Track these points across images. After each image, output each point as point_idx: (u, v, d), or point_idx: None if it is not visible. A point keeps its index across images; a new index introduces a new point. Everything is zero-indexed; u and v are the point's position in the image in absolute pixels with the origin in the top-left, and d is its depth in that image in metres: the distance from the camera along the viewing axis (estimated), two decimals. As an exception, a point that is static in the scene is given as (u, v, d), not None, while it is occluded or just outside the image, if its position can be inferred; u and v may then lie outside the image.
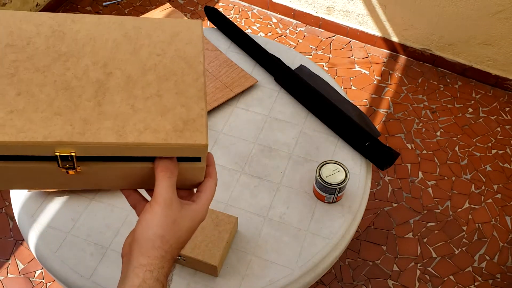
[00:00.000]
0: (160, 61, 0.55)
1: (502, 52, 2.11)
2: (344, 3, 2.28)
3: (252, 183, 1.08)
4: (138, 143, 0.50)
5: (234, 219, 0.95)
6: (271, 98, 1.24)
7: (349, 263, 1.67)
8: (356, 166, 1.12)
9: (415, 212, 1.80)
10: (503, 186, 1.88)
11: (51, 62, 0.53)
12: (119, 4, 2.52)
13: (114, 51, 0.55)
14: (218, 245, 0.92)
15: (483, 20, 2.04)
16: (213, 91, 1.22)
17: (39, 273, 1.61)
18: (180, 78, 0.54)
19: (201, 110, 0.52)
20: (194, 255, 0.90)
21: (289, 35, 2.39)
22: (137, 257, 0.50)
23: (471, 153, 1.98)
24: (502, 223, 1.78)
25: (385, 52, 2.34)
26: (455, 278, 1.65)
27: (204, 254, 0.90)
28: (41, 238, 0.98)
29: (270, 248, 0.98)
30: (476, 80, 2.24)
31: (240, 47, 1.35)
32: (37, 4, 2.36)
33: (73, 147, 0.50)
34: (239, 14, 2.49)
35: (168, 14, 1.41)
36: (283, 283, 0.93)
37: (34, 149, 0.50)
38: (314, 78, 1.27)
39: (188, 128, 0.51)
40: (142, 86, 0.53)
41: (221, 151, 1.13)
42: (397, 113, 2.10)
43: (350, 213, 1.04)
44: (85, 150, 0.50)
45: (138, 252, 0.50)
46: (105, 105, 0.51)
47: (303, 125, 1.19)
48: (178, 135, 0.50)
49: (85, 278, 0.93)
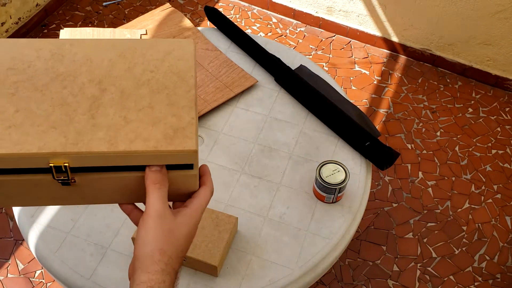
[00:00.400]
0: (153, 76, 0.57)
1: (502, 52, 2.11)
2: (344, 3, 2.28)
3: (252, 183, 1.08)
4: (129, 151, 0.52)
5: (234, 219, 0.95)
6: (271, 98, 1.24)
7: (349, 263, 1.67)
8: (356, 166, 1.12)
9: (415, 212, 1.80)
10: (503, 186, 1.88)
11: (49, 81, 0.56)
12: (119, 4, 2.52)
13: (109, 69, 0.57)
14: (218, 245, 0.92)
15: (483, 20, 2.04)
16: (213, 91, 1.22)
17: (39, 273, 1.61)
18: (172, 91, 0.56)
19: (191, 119, 0.54)
20: (194, 255, 0.90)
21: (289, 35, 2.39)
22: (139, 275, 0.50)
23: (471, 153, 1.98)
24: (502, 223, 1.78)
25: (385, 52, 2.34)
26: (455, 278, 1.65)
27: (204, 254, 0.90)
28: (41, 238, 0.98)
29: (270, 248, 0.98)
30: (476, 80, 2.24)
31: (240, 47, 1.35)
32: (37, 4, 2.36)
33: (66, 158, 0.52)
34: (239, 14, 2.49)
35: (168, 14, 1.41)
36: (283, 283, 0.93)
37: (30, 161, 0.51)
38: (314, 78, 1.27)
39: (178, 135, 0.53)
40: (135, 99, 0.55)
41: (221, 151, 1.13)
42: (397, 113, 2.10)
43: (350, 213, 1.04)
44: (78, 161, 0.52)
45: (139, 270, 0.50)
46: (99, 117, 0.54)
47: (303, 125, 1.19)
48: (168, 142, 0.52)
49: (85, 278, 0.93)
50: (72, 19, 2.43)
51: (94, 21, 2.42)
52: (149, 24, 1.37)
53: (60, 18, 2.44)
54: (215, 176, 1.08)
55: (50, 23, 2.41)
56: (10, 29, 2.26)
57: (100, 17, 2.44)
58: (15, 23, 2.27)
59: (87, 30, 1.31)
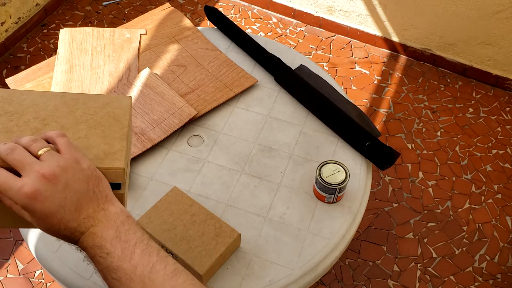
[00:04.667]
0: (91, 117, 0.65)
1: (503, 52, 2.11)
2: (344, 3, 2.28)
3: (252, 183, 1.07)
4: None
5: (236, 234, 0.92)
6: (271, 98, 1.24)
7: (350, 263, 1.67)
8: (356, 166, 1.12)
9: (415, 212, 1.80)
10: (504, 186, 1.88)
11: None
12: (119, 4, 2.52)
13: (53, 111, 0.65)
14: (211, 255, 0.89)
15: (484, 20, 2.04)
16: (213, 91, 1.22)
17: (39, 273, 1.61)
18: (107, 128, 0.64)
19: (122, 147, 0.62)
20: (185, 257, 0.88)
21: (289, 35, 2.39)
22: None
23: (472, 153, 1.98)
24: (503, 223, 1.78)
25: (386, 52, 2.34)
26: (456, 278, 1.65)
27: (194, 260, 0.88)
28: (41, 238, 0.98)
29: (270, 248, 0.98)
30: (476, 80, 2.23)
31: (240, 47, 1.35)
32: (36, 4, 2.36)
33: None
34: (239, 13, 2.48)
35: (168, 13, 1.41)
36: (283, 283, 0.93)
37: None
38: (314, 78, 1.27)
39: (108, 158, 0.60)
40: (73, 131, 0.63)
41: (221, 151, 1.13)
42: (398, 113, 2.10)
43: (350, 213, 1.04)
44: None
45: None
46: None
47: (303, 125, 1.19)
48: (98, 162, 0.60)
49: (85, 278, 0.93)
50: (72, 19, 2.43)
51: (93, 20, 2.42)
52: (149, 24, 1.37)
53: (60, 17, 2.43)
54: (215, 176, 1.08)
55: (49, 23, 2.41)
56: (10, 28, 2.25)
57: (100, 16, 2.44)
58: (15, 23, 2.27)
59: (87, 30, 1.31)
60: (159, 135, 1.11)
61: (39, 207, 0.52)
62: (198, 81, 1.24)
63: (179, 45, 1.32)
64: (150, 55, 1.29)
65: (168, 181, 1.07)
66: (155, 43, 1.32)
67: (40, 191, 0.51)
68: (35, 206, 0.51)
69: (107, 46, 1.29)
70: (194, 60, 1.29)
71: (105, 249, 0.53)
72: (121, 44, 1.30)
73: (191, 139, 1.15)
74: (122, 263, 0.53)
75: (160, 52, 1.30)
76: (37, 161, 0.53)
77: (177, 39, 1.34)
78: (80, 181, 0.54)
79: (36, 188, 0.51)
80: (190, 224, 0.93)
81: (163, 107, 1.15)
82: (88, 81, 1.21)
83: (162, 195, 0.99)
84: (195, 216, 0.94)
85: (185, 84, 1.23)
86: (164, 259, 0.55)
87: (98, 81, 1.21)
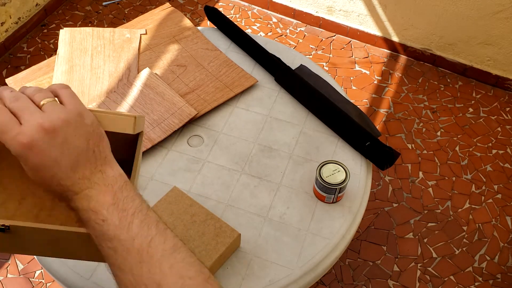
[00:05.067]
0: None
1: (503, 52, 2.11)
2: (344, 3, 2.28)
3: (252, 183, 1.07)
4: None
5: (236, 234, 0.92)
6: (271, 98, 1.24)
7: (350, 263, 1.67)
8: (356, 166, 1.11)
9: (415, 212, 1.80)
10: (504, 186, 1.88)
11: None
12: (119, 4, 2.52)
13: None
14: (210, 255, 0.89)
15: (484, 20, 2.04)
16: (213, 91, 1.22)
17: (39, 273, 1.61)
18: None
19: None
20: None
21: (289, 35, 2.39)
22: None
23: (472, 153, 1.98)
24: (503, 223, 1.78)
25: (386, 52, 2.34)
26: (456, 278, 1.65)
27: None
28: (41, 238, 0.98)
29: (270, 248, 0.97)
30: (476, 80, 2.23)
31: (240, 47, 1.35)
32: (36, 4, 2.36)
33: None
34: (239, 13, 2.48)
35: (168, 13, 1.41)
36: (283, 283, 0.93)
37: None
38: (314, 78, 1.27)
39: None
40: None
41: (221, 151, 1.13)
42: (398, 113, 2.10)
43: (350, 213, 1.04)
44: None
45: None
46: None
47: (303, 125, 1.19)
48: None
49: (85, 278, 0.93)
50: (72, 19, 2.43)
51: (93, 20, 2.42)
52: (149, 24, 1.37)
53: (60, 17, 2.43)
54: (215, 176, 1.08)
55: (49, 23, 2.41)
56: (10, 28, 2.25)
57: (100, 16, 2.44)
58: (14, 23, 2.27)
59: (87, 30, 1.31)
60: (159, 135, 1.11)
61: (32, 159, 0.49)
62: (198, 81, 1.24)
63: (179, 45, 1.32)
64: (150, 55, 1.29)
65: (168, 181, 1.07)
66: (155, 43, 1.32)
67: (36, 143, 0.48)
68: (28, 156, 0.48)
69: (107, 46, 1.29)
70: (194, 60, 1.29)
71: (101, 215, 0.50)
72: (121, 44, 1.30)
73: (191, 139, 1.15)
74: (119, 232, 0.50)
75: (160, 52, 1.30)
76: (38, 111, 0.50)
77: (177, 39, 1.34)
78: (81, 138, 0.51)
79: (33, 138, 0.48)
80: (190, 224, 0.93)
81: (163, 107, 1.15)
82: (88, 81, 1.21)
83: (162, 195, 0.99)
84: (195, 216, 0.94)
85: (185, 84, 1.23)
86: (163, 232, 0.52)
87: (98, 81, 1.21)
